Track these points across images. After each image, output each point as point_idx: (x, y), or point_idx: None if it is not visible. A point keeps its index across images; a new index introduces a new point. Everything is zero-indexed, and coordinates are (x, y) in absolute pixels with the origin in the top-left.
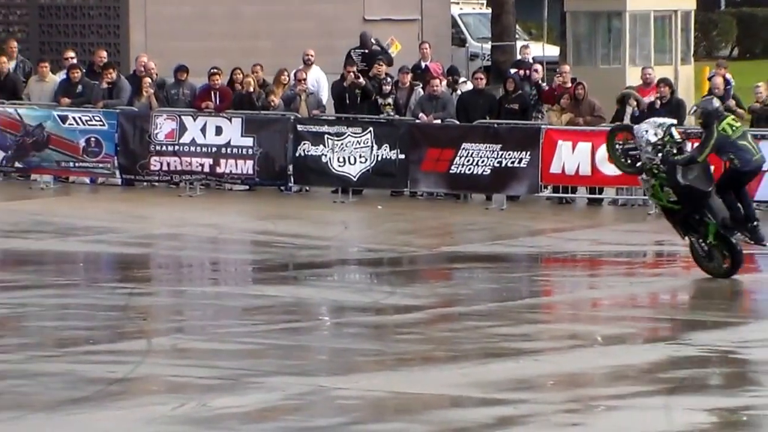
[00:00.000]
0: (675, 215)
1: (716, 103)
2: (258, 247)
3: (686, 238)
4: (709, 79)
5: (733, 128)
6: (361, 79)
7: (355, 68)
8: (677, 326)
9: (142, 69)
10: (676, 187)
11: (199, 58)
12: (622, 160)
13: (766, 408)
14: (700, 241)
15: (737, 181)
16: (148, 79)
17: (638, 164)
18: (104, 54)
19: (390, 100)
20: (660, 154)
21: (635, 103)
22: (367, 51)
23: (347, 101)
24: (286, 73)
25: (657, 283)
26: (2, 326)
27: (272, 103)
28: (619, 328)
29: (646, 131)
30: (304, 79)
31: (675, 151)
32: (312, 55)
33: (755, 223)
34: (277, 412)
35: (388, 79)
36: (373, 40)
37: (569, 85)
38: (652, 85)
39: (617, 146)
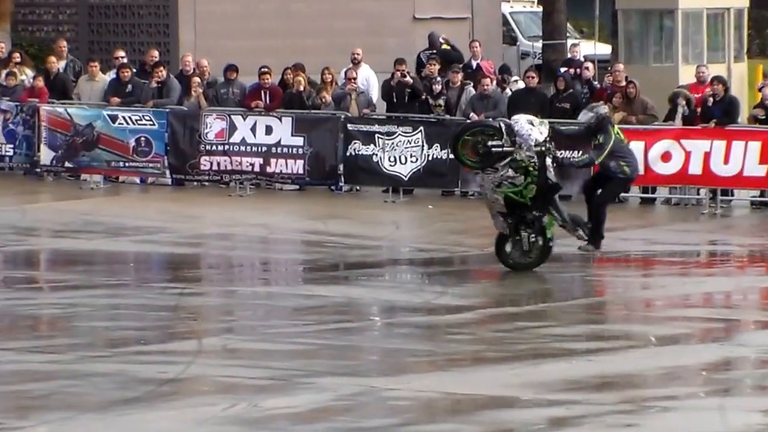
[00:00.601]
0: (518, 211)
1: (604, 109)
2: (309, 247)
3: (508, 231)
4: (760, 89)
5: (622, 135)
6: (408, 78)
7: (404, 67)
8: (731, 326)
9: (189, 68)
10: (545, 185)
11: (248, 56)
12: (476, 157)
13: None
14: (533, 236)
15: (618, 187)
16: (197, 79)
17: (503, 160)
18: (156, 53)
19: (441, 101)
20: (538, 152)
21: (684, 102)
22: (435, 51)
23: (395, 100)
24: (327, 72)
25: (710, 283)
26: (53, 327)
27: (323, 100)
28: (672, 328)
29: (531, 130)
30: (354, 78)
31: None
32: (359, 54)
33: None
34: (328, 413)
35: (438, 79)
36: (441, 39)
37: (622, 83)
38: (706, 83)
39: (478, 141)
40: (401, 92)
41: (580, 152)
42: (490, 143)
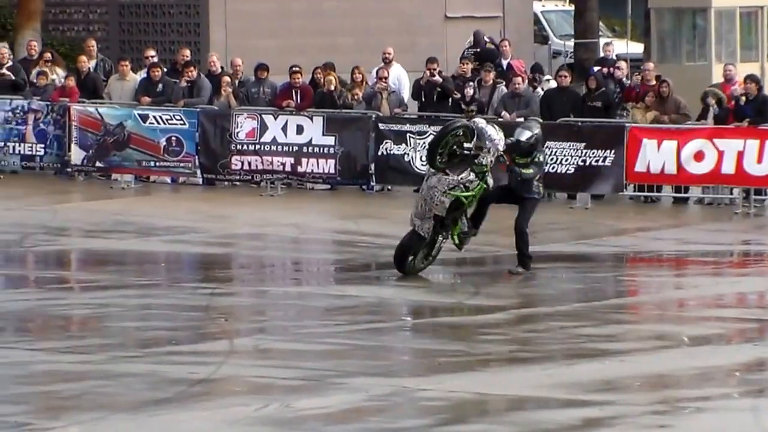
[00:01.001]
0: (447, 215)
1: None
2: (340, 247)
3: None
4: None
5: None
6: (437, 77)
7: (435, 66)
8: (765, 327)
9: (215, 68)
10: (490, 191)
11: (279, 55)
12: (446, 158)
13: None
14: (443, 240)
15: (534, 208)
16: (227, 78)
17: (468, 163)
18: (187, 52)
19: (473, 107)
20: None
21: (713, 101)
22: (480, 50)
23: (424, 99)
24: (358, 71)
25: (744, 283)
26: (84, 327)
27: (355, 96)
28: (705, 328)
29: (498, 135)
30: (386, 78)
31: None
32: (390, 53)
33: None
34: (361, 413)
35: (472, 83)
36: (486, 38)
37: (653, 82)
38: (734, 82)
39: (457, 142)
40: (430, 91)
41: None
42: (465, 145)
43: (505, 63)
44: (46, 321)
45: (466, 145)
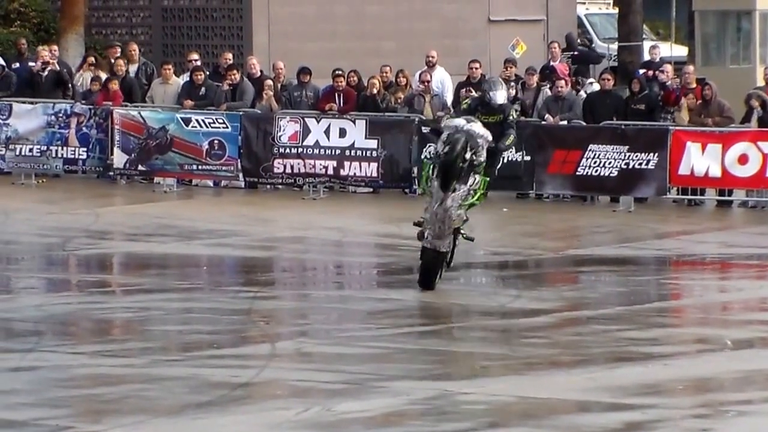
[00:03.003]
0: None
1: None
2: (382, 250)
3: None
4: None
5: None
6: (474, 93)
7: (477, 65)
8: None
9: (255, 71)
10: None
11: (322, 59)
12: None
13: None
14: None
15: None
16: (270, 81)
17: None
18: (230, 56)
19: (516, 107)
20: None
21: (757, 104)
22: (576, 53)
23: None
24: (402, 75)
25: None
26: (126, 330)
27: (397, 101)
28: (749, 332)
29: (482, 131)
30: (429, 81)
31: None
32: (434, 57)
33: None
34: (403, 417)
35: (513, 84)
36: (579, 41)
37: (693, 85)
38: None
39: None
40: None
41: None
42: (466, 156)
43: (552, 65)
44: (88, 324)
45: (467, 156)
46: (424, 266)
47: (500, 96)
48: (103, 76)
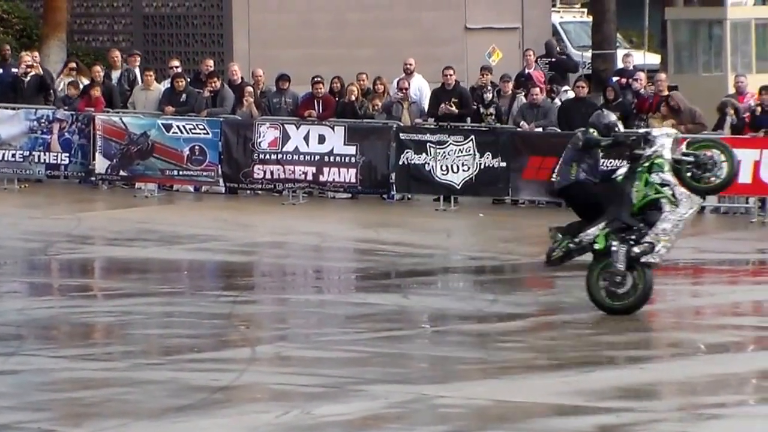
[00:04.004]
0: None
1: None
2: (361, 256)
3: None
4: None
5: None
6: (453, 109)
7: (451, 72)
8: None
9: (236, 78)
10: None
11: (301, 66)
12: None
13: None
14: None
15: None
16: (250, 88)
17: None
18: (211, 63)
19: (492, 110)
20: None
21: (732, 111)
22: (554, 59)
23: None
24: (379, 82)
25: (760, 291)
26: (108, 334)
27: (375, 107)
28: (721, 336)
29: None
30: (407, 88)
31: None
32: (412, 64)
33: None
34: (380, 421)
35: (489, 88)
36: (557, 49)
37: (666, 93)
38: (745, 93)
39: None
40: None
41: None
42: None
43: (527, 72)
44: (69, 328)
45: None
46: (650, 286)
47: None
48: (83, 81)
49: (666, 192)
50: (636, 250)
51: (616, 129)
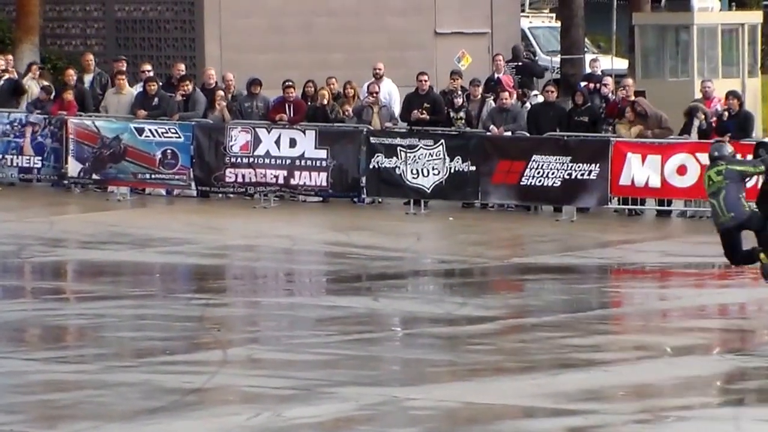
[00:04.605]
0: None
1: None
2: (331, 259)
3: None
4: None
5: (710, 182)
6: (425, 116)
7: (425, 77)
8: (746, 337)
9: (211, 82)
10: None
11: (272, 70)
12: None
13: None
14: None
15: None
16: (221, 92)
17: None
18: (182, 67)
19: (462, 114)
20: None
21: (702, 116)
22: (521, 63)
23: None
24: (350, 86)
25: (725, 294)
26: (80, 337)
27: (346, 113)
28: (688, 339)
29: None
30: (376, 93)
31: None
32: (381, 69)
33: None
34: (351, 423)
35: (459, 93)
36: (525, 53)
37: (633, 98)
38: (712, 98)
39: None
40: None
41: None
42: None
43: (496, 77)
44: (42, 331)
45: None
46: None
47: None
48: (44, 84)
49: None
50: None
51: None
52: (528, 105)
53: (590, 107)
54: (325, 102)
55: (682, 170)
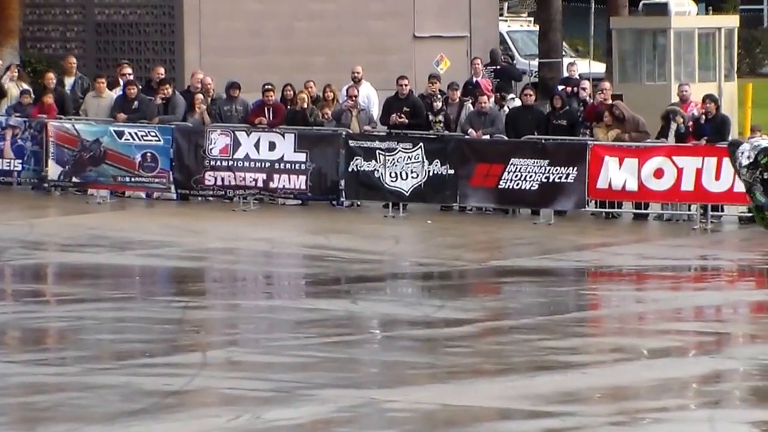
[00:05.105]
0: None
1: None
2: (310, 261)
3: None
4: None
5: None
6: (404, 119)
7: (405, 81)
8: (722, 340)
9: (198, 85)
10: None
11: (252, 73)
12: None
13: None
14: None
15: None
16: (200, 96)
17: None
18: (162, 70)
19: (440, 118)
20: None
21: (680, 120)
22: (499, 67)
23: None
24: (329, 90)
25: (701, 297)
26: (60, 339)
27: (325, 116)
28: (664, 341)
29: (742, 154)
30: (355, 96)
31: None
32: (360, 72)
33: None
34: (330, 425)
35: (438, 96)
36: (502, 57)
37: (610, 101)
38: (689, 102)
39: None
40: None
41: None
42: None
43: (474, 80)
44: (22, 334)
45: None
46: None
47: None
48: (22, 87)
49: None
50: None
51: None
52: (506, 108)
53: (568, 111)
54: (305, 105)
55: (659, 173)
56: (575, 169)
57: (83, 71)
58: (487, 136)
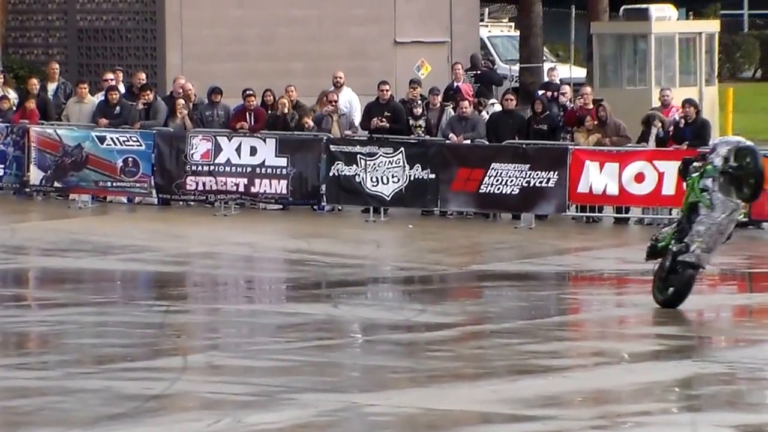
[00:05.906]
0: None
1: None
2: (292, 266)
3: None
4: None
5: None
6: (385, 123)
7: (386, 87)
8: (703, 343)
9: (180, 91)
10: None
11: (233, 79)
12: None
13: None
14: None
15: None
16: (182, 101)
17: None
18: (143, 76)
19: (421, 122)
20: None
21: (660, 124)
22: (479, 72)
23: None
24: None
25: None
26: (41, 344)
27: (306, 125)
28: (645, 345)
29: (716, 154)
30: (336, 101)
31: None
32: (341, 77)
33: None
34: (311, 429)
35: (419, 101)
36: (483, 62)
37: (591, 106)
38: (670, 106)
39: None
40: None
41: None
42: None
43: (455, 85)
44: (3, 338)
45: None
46: (684, 283)
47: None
48: (8, 92)
49: (704, 197)
50: (674, 248)
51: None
52: (485, 113)
53: (549, 115)
54: (285, 110)
55: (639, 178)
56: (556, 173)
57: (65, 77)
58: (468, 141)
